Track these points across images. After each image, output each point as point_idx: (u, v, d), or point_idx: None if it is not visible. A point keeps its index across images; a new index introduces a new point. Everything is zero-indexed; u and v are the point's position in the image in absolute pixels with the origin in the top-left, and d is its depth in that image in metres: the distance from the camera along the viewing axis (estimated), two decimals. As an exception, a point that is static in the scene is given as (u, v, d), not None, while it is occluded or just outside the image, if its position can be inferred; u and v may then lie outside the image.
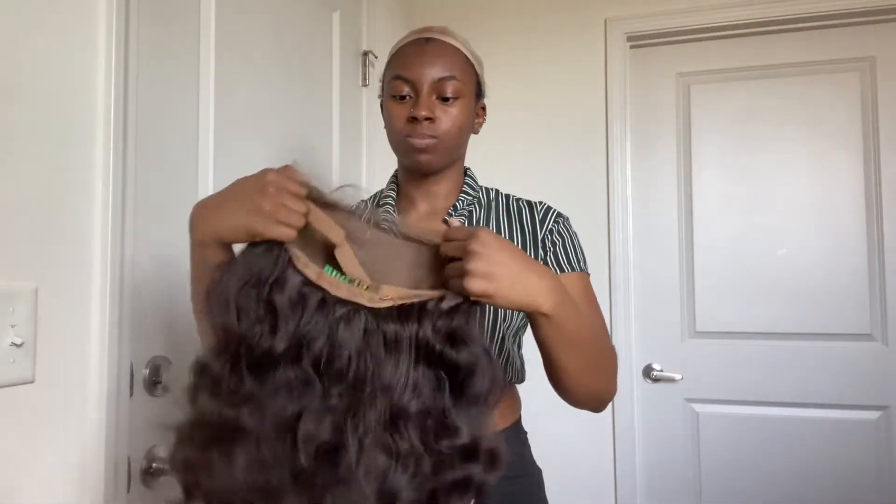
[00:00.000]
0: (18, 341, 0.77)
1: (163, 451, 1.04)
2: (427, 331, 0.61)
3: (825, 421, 1.86)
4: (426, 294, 0.64)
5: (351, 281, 0.63)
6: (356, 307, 0.61)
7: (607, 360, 0.85)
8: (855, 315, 1.86)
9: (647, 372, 1.99)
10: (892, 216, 1.85)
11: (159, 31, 1.06)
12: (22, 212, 0.80)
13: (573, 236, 1.00)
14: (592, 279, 0.97)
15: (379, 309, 0.62)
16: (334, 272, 0.64)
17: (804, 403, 1.88)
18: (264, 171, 0.65)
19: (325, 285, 0.62)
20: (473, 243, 0.64)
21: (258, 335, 0.60)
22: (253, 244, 0.64)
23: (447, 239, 0.67)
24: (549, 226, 0.98)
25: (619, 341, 1.95)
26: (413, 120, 0.90)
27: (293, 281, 0.61)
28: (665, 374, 1.98)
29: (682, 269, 2.00)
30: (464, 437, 0.61)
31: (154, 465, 1.01)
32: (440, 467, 0.60)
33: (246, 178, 0.67)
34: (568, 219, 1.02)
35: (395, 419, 0.59)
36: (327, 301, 0.61)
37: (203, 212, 0.70)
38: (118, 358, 0.92)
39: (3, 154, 0.78)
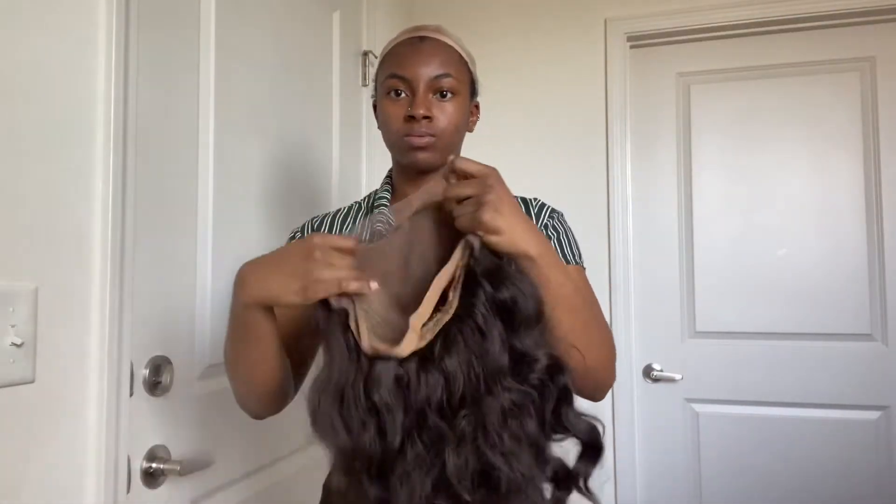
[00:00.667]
0: (18, 341, 0.77)
1: (163, 451, 1.04)
2: (480, 296, 0.63)
3: (825, 421, 1.86)
4: (446, 274, 0.64)
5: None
6: (443, 329, 0.62)
7: (602, 331, 0.84)
8: (855, 315, 1.86)
9: (647, 372, 1.99)
10: (892, 216, 1.85)
11: (159, 30, 1.06)
12: (22, 212, 0.80)
13: (568, 230, 0.99)
14: (593, 279, 0.97)
15: (447, 317, 0.62)
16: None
17: (804, 403, 1.88)
18: (311, 236, 0.68)
19: (395, 353, 0.62)
20: (491, 179, 0.66)
21: (371, 440, 0.61)
22: (323, 334, 0.65)
23: (461, 174, 0.67)
24: (544, 221, 0.98)
25: (619, 341, 1.94)
26: (410, 119, 0.90)
27: (380, 370, 0.61)
28: (665, 374, 1.98)
29: (682, 269, 2.00)
30: (543, 360, 0.63)
31: (154, 465, 1.01)
32: (543, 396, 0.63)
33: (294, 243, 0.70)
34: (562, 214, 1.01)
35: (509, 404, 0.61)
36: (422, 356, 0.62)
37: (252, 275, 0.72)
38: (118, 358, 0.92)
39: (3, 154, 0.78)
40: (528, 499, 0.61)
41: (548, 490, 0.65)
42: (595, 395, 0.86)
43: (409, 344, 0.61)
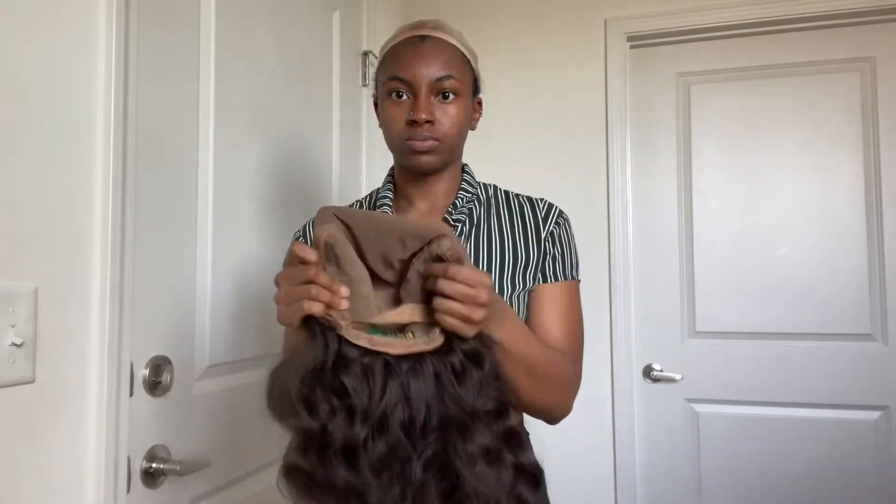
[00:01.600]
0: (18, 341, 0.77)
1: (163, 451, 1.04)
2: (471, 343, 0.67)
3: (825, 421, 1.86)
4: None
5: (398, 334, 0.65)
6: (419, 356, 0.64)
7: (559, 381, 0.87)
8: (855, 315, 1.86)
9: (647, 372, 2.00)
10: (892, 216, 1.85)
11: (159, 30, 1.06)
12: (22, 212, 0.80)
13: (571, 240, 1.00)
14: (593, 279, 0.98)
15: (439, 347, 0.64)
16: (380, 333, 0.65)
17: (804, 403, 1.88)
18: (288, 252, 0.68)
19: (382, 349, 0.63)
20: (485, 295, 0.67)
21: (338, 425, 0.62)
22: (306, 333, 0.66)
23: (450, 278, 0.66)
24: (551, 227, 0.98)
25: (619, 341, 1.95)
26: (413, 122, 0.90)
27: (352, 355, 0.63)
28: (665, 374, 1.98)
29: (682, 269, 2.00)
30: (495, 405, 0.67)
31: (154, 465, 1.01)
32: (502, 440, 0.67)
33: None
34: (569, 219, 1.02)
35: (482, 434, 0.65)
36: (390, 363, 0.63)
37: None
38: (118, 358, 0.92)
39: (3, 154, 0.78)
40: None
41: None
42: (549, 423, 0.92)
43: (416, 345, 0.64)
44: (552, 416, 0.90)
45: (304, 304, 0.64)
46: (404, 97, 0.91)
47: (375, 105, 0.99)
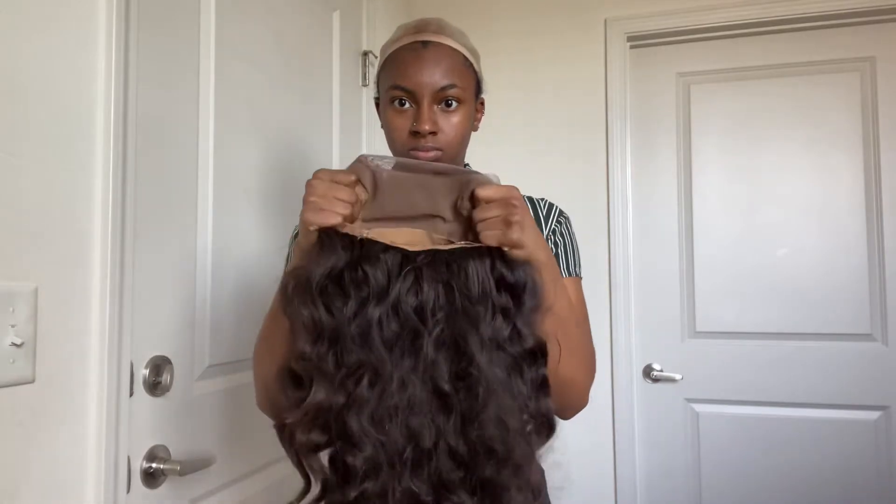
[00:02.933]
0: (18, 341, 0.77)
1: (163, 451, 1.04)
2: (495, 260, 0.68)
3: (825, 421, 1.86)
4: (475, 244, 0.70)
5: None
6: (432, 251, 0.67)
7: (584, 351, 0.86)
8: (855, 315, 1.86)
9: (647, 372, 1.99)
10: (892, 216, 1.85)
11: (159, 31, 1.06)
12: (22, 212, 0.80)
13: (573, 237, 1.01)
14: (593, 279, 0.99)
15: (453, 250, 0.68)
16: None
17: (804, 403, 1.88)
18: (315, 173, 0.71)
19: (400, 244, 0.67)
20: (514, 199, 0.70)
21: (353, 313, 0.64)
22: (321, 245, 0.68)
23: (486, 200, 0.70)
24: (553, 225, 0.99)
25: (619, 341, 1.95)
26: (416, 133, 0.89)
27: (374, 251, 0.66)
28: (665, 374, 1.98)
29: (682, 269, 2.00)
30: (530, 342, 0.68)
31: (154, 465, 1.01)
32: (526, 367, 0.68)
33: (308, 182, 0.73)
34: (569, 218, 1.02)
35: (501, 340, 0.66)
36: (408, 255, 0.66)
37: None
38: (118, 358, 0.92)
39: (3, 154, 0.78)
40: (506, 412, 0.64)
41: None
42: (565, 413, 0.86)
43: (430, 243, 0.67)
44: (571, 399, 0.85)
45: (330, 217, 0.67)
46: (407, 105, 0.90)
47: (377, 104, 0.99)
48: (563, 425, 0.91)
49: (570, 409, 0.86)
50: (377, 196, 0.70)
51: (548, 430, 0.70)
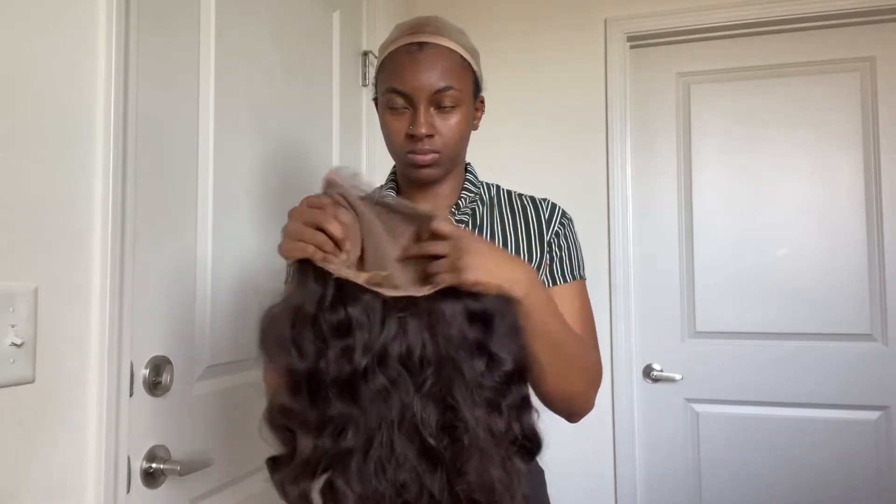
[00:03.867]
0: (18, 341, 0.77)
1: (163, 452, 1.04)
2: (466, 299, 0.69)
3: (825, 421, 1.86)
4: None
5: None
6: (411, 299, 0.66)
7: (583, 365, 0.85)
8: (855, 315, 1.86)
9: (647, 372, 2.00)
10: (893, 216, 1.85)
11: (159, 31, 1.06)
12: (22, 212, 0.80)
13: (576, 240, 1.00)
14: (593, 280, 0.98)
15: (429, 295, 0.68)
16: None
17: (804, 403, 1.88)
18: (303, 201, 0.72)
19: (382, 290, 0.66)
20: (463, 241, 0.70)
21: (334, 361, 0.64)
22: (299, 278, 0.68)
23: (435, 235, 0.70)
24: (556, 228, 0.98)
25: (619, 341, 1.95)
26: (413, 136, 0.89)
27: (354, 292, 0.65)
28: (665, 374, 1.98)
29: (682, 269, 2.00)
30: (508, 365, 0.68)
31: (154, 465, 1.01)
32: (504, 396, 0.68)
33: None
34: (572, 219, 1.02)
35: (479, 377, 0.67)
36: (388, 300, 0.66)
37: None
38: (118, 358, 0.92)
39: (3, 154, 0.78)
40: (490, 459, 0.64)
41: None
42: (571, 419, 0.88)
43: (412, 290, 0.67)
44: (574, 409, 0.86)
45: (308, 248, 0.68)
46: (403, 108, 0.90)
47: (376, 104, 0.98)
48: (563, 425, 0.91)
49: (576, 414, 0.88)
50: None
51: (534, 446, 0.70)
